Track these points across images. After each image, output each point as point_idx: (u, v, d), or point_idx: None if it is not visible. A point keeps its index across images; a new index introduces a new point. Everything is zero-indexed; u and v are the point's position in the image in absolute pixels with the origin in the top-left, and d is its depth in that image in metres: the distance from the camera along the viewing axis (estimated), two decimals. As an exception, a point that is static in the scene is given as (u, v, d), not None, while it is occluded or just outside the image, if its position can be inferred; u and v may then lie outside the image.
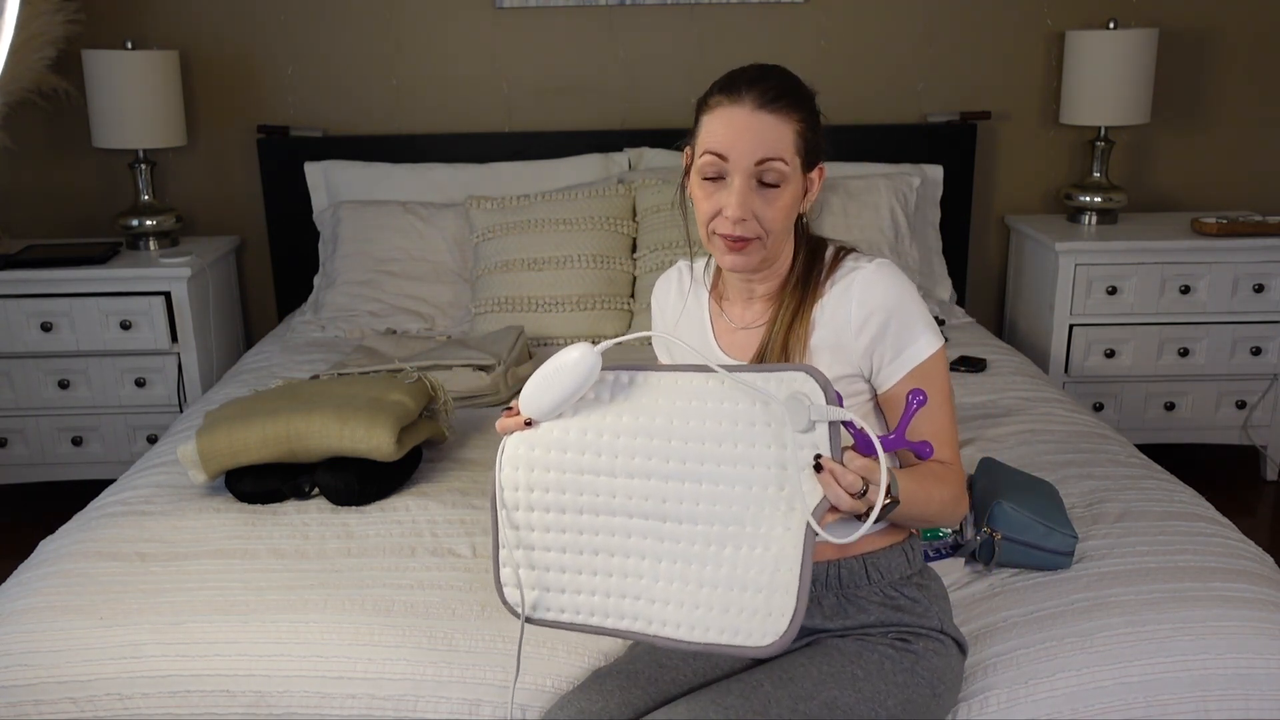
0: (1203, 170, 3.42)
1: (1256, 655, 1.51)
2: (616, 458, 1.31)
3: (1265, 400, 3.15)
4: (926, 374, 1.38)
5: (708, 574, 1.26)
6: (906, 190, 3.12)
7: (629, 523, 1.30)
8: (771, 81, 1.36)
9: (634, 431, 1.31)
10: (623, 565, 1.31)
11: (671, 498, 1.28)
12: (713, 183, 1.37)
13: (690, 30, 3.27)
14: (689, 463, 1.27)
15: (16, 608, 1.66)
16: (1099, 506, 1.88)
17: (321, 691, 1.54)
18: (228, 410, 2.06)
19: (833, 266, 1.42)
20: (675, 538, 1.28)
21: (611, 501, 1.31)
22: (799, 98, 1.37)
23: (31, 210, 3.34)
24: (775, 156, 1.34)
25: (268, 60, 3.29)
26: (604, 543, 1.32)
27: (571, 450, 1.33)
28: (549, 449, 1.34)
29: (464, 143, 3.28)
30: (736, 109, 1.35)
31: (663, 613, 1.29)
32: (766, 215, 1.35)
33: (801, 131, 1.36)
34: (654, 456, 1.29)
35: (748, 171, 1.34)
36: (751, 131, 1.33)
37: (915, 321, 1.38)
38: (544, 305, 2.87)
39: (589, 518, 1.33)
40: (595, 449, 1.32)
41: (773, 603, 1.21)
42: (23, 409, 3.04)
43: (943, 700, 1.39)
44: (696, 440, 1.27)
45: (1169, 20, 3.27)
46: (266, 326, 3.41)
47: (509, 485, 1.36)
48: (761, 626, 1.22)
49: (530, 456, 1.35)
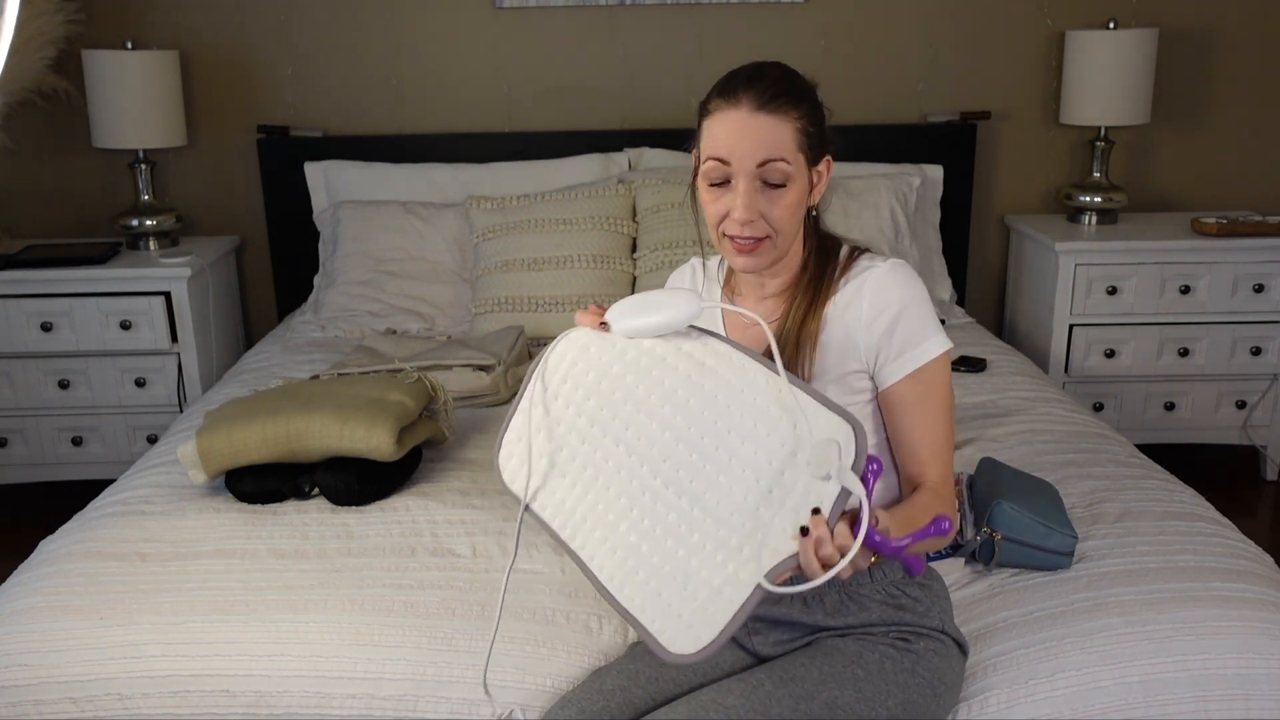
0: (1203, 170, 3.42)
1: (1256, 655, 1.51)
2: (652, 397, 1.30)
3: (1265, 400, 3.15)
4: (928, 377, 1.38)
5: (668, 548, 1.24)
6: (906, 190, 3.12)
7: (629, 461, 1.30)
8: (768, 81, 1.36)
9: (681, 384, 1.30)
10: (606, 497, 1.31)
11: (676, 462, 1.27)
12: (719, 187, 1.37)
13: (690, 30, 3.27)
14: (708, 440, 1.26)
15: (16, 608, 1.66)
16: (1099, 506, 1.88)
17: (321, 691, 1.54)
18: (228, 410, 2.06)
19: (847, 265, 1.43)
20: (660, 499, 1.27)
21: (625, 433, 1.31)
22: (797, 94, 1.37)
23: (31, 210, 3.34)
24: (776, 157, 1.34)
25: (268, 60, 3.29)
26: (601, 466, 1.32)
27: (620, 366, 1.33)
28: (603, 353, 1.35)
29: (464, 143, 3.28)
30: (735, 112, 1.35)
31: (612, 561, 1.28)
32: (773, 215, 1.36)
33: (802, 128, 1.36)
34: (685, 417, 1.28)
35: (751, 174, 1.34)
36: (751, 134, 1.34)
37: (924, 323, 1.38)
38: (544, 305, 2.87)
39: (599, 435, 1.32)
40: (642, 378, 1.31)
41: (697, 622, 1.19)
42: (23, 409, 3.04)
43: (943, 701, 1.39)
44: (726, 427, 1.26)
45: (1169, 20, 3.27)
46: (266, 326, 3.41)
47: (552, 369, 1.37)
48: (678, 634, 1.20)
49: (585, 353, 1.35)
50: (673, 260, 2.86)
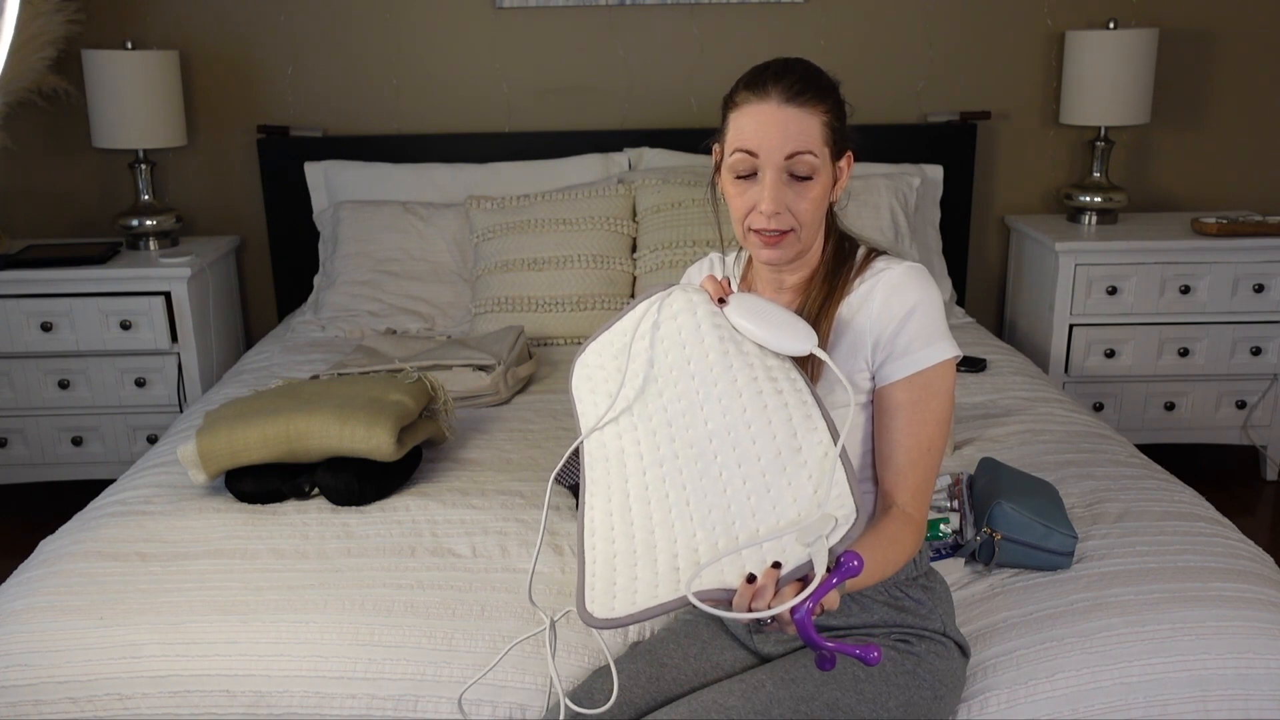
0: (1203, 170, 3.42)
1: (1256, 655, 1.51)
2: (717, 390, 1.30)
3: (1265, 400, 3.15)
4: (927, 384, 1.37)
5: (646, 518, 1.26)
6: (906, 190, 3.12)
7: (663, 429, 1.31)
8: (796, 75, 1.36)
9: (750, 396, 1.30)
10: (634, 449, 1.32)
11: (699, 458, 1.27)
12: (745, 180, 1.37)
13: (690, 30, 3.27)
14: (736, 458, 1.26)
15: (16, 608, 1.66)
16: (1099, 506, 1.88)
17: (321, 691, 1.54)
18: (228, 410, 2.06)
19: (863, 266, 1.43)
20: (669, 478, 1.28)
21: (676, 404, 1.32)
22: (824, 89, 1.37)
23: (31, 210, 3.34)
24: (805, 149, 1.34)
25: (268, 60, 3.29)
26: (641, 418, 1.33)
27: (715, 350, 1.33)
28: (704, 325, 1.34)
29: (464, 143, 3.28)
30: (764, 105, 1.35)
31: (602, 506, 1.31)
32: (799, 207, 1.36)
33: (828, 122, 1.36)
34: (732, 430, 1.28)
35: (779, 166, 1.34)
36: (779, 126, 1.34)
37: (931, 327, 1.37)
38: (544, 305, 2.87)
39: (655, 391, 1.33)
40: (722, 370, 1.31)
41: (621, 594, 1.21)
42: (23, 409, 3.04)
43: (944, 702, 1.39)
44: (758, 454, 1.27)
45: (1169, 20, 3.27)
46: (266, 326, 3.41)
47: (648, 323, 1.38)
48: (600, 595, 1.22)
49: (692, 315, 1.35)
50: (673, 260, 2.86)
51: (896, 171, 3.17)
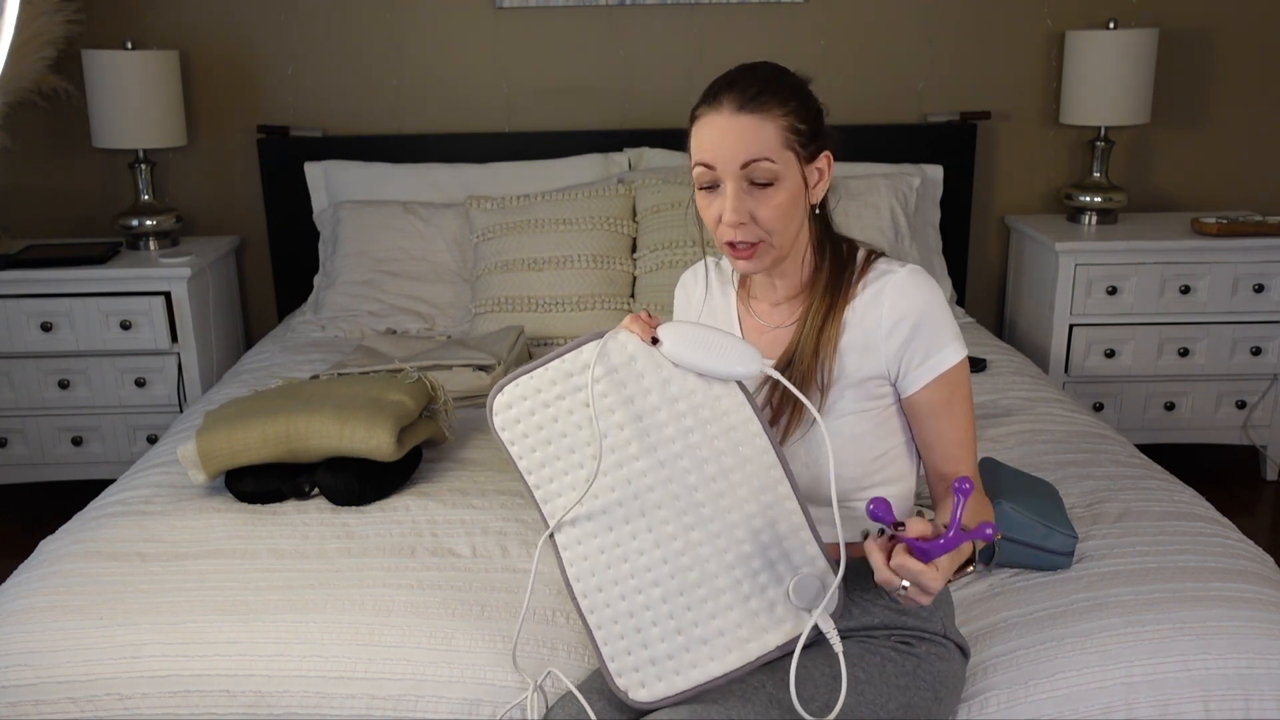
0: (1203, 170, 3.42)
1: (1256, 655, 1.51)
2: (675, 440, 1.31)
3: (1265, 400, 3.15)
4: (951, 381, 1.39)
5: (629, 588, 1.32)
6: (906, 190, 3.12)
7: (620, 485, 1.32)
8: (750, 81, 1.35)
9: (704, 439, 1.31)
10: (595, 513, 1.33)
11: (669, 510, 1.31)
12: (709, 192, 1.37)
13: (690, 30, 3.27)
14: (706, 507, 1.30)
15: (16, 608, 1.66)
16: (1099, 506, 1.88)
17: (321, 691, 1.54)
18: (228, 410, 2.06)
19: (864, 269, 1.43)
20: (636, 536, 1.32)
21: (635, 463, 1.32)
22: (782, 91, 1.35)
23: (31, 210, 3.34)
24: (760, 156, 1.33)
25: (268, 60, 3.29)
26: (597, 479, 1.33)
27: (656, 395, 1.32)
28: (646, 371, 1.33)
29: (464, 143, 3.28)
30: (717, 115, 1.35)
31: (590, 583, 1.35)
32: (763, 215, 1.35)
33: (789, 125, 1.35)
34: (696, 474, 1.31)
35: (736, 175, 1.34)
36: (732, 135, 1.33)
37: (943, 329, 1.38)
38: (544, 305, 2.87)
39: (605, 449, 1.32)
40: (672, 416, 1.32)
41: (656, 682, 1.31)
42: (23, 409, 3.04)
43: (944, 704, 1.39)
44: (727, 504, 1.30)
45: (1169, 20, 3.27)
46: (266, 326, 3.41)
47: (581, 365, 1.35)
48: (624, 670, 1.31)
49: (630, 364, 1.34)
50: (673, 260, 2.86)
51: (896, 171, 3.17)
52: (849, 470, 1.40)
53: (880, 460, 1.43)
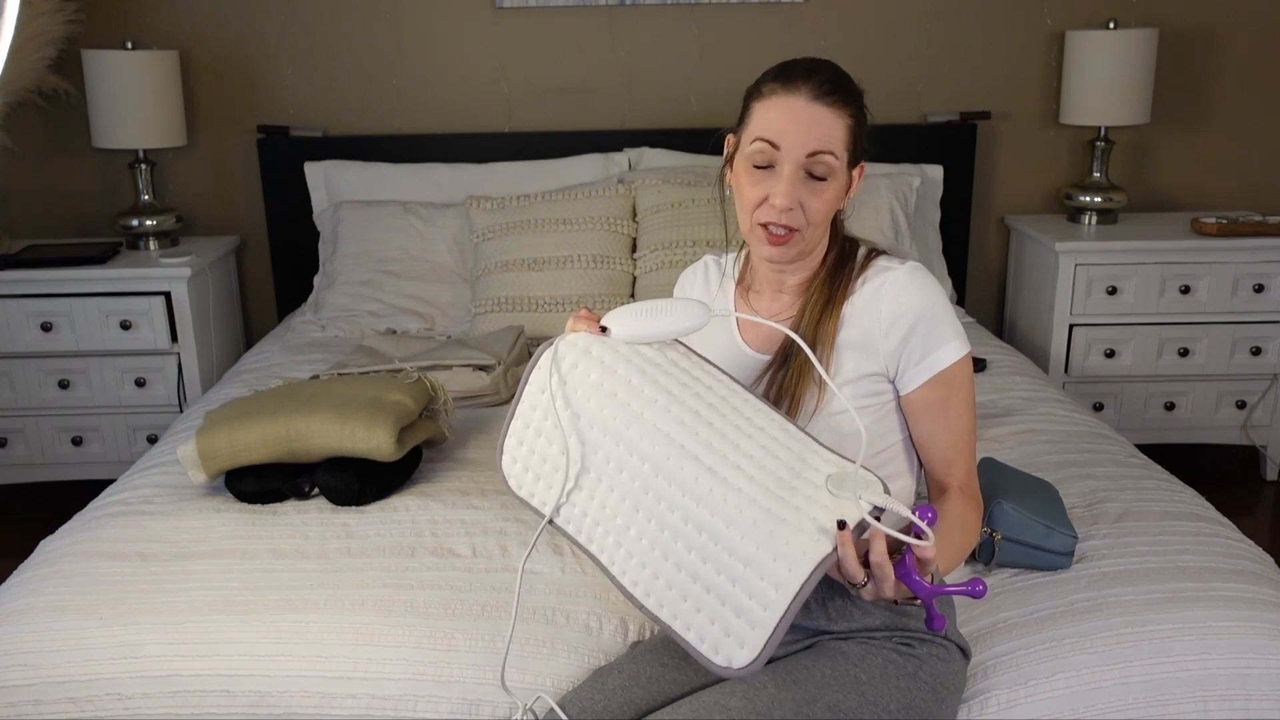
0: (1203, 170, 3.42)
1: (1256, 655, 1.51)
2: (658, 397, 1.28)
3: (1265, 400, 3.15)
4: (950, 380, 1.39)
5: (678, 552, 1.23)
6: (906, 190, 3.12)
7: (630, 461, 1.27)
8: (826, 74, 1.36)
9: (684, 386, 1.29)
10: (611, 501, 1.29)
11: (681, 459, 1.25)
12: (761, 170, 1.37)
13: (690, 30, 3.27)
14: (714, 439, 1.25)
15: (16, 608, 1.66)
16: (1099, 506, 1.88)
17: (321, 691, 1.54)
18: (228, 410, 2.06)
19: (864, 265, 1.43)
20: (664, 499, 1.25)
21: (626, 432, 1.28)
22: (851, 93, 1.38)
23: (31, 210, 3.34)
24: (827, 149, 1.34)
25: (268, 60, 3.29)
26: (603, 469, 1.29)
27: (623, 367, 1.31)
28: (605, 355, 1.32)
29: (464, 143, 3.28)
30: (792, 98, 1.35)
31: (633, 566, 1.27)
32: (812, 206, 1.36)
33: (851, 127, 1.37)
34: (691, 416, 1.27)
35: (798, 162, 1.35)
36: (806, 122, 1.34)
37: (943, 327, 1.38)
38: (544, 305, 2.87)
39: (599, 436, 1.30)
40: (645, 379, 1.30)
41: (735, 630, 1.19)
42: (23, 409, 3.04)
43: (945, 704, 1.39)
44: (726, 428, 1.26)
45: (1169, 20, 3.27)
46: (266, 326, 3.41)
47: (542, 379, 1.35)
48: (719, 643, 1.20)
49: (586, 356, 1.33)
50: (673, 260, 2.86)
51: (896, 171, 3.17)
52: None
53: (879, 458, 1.43)
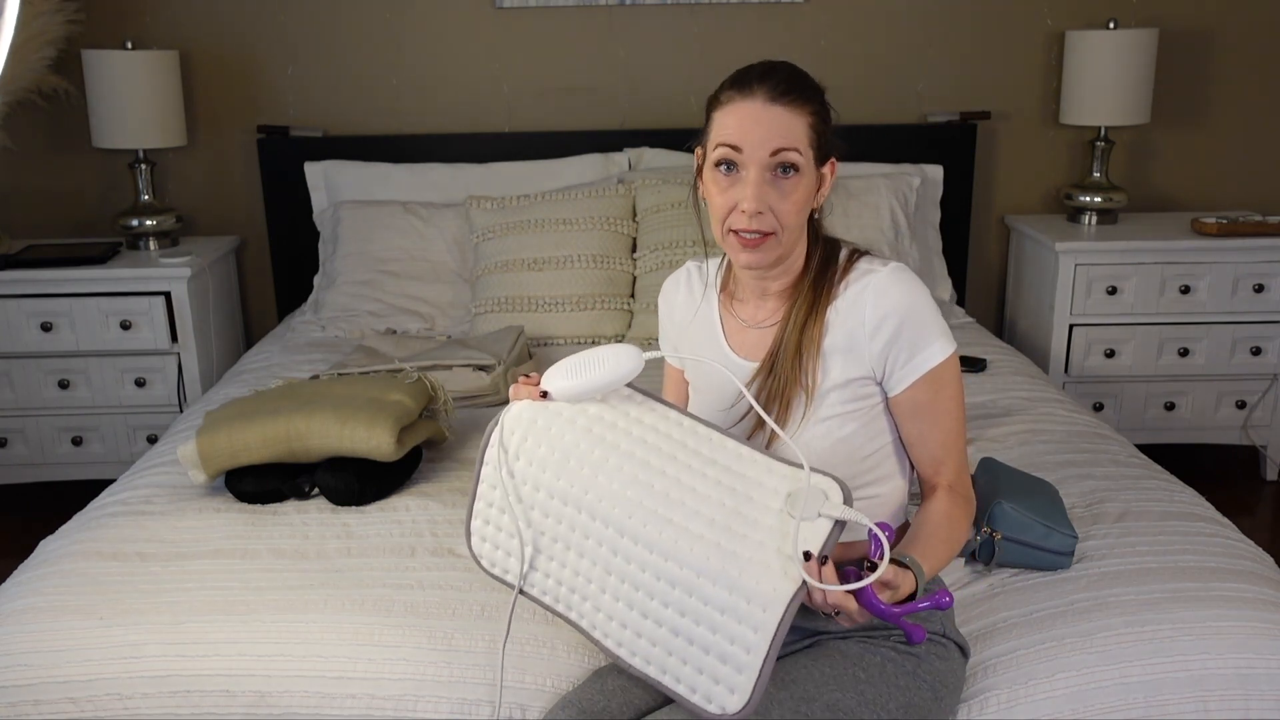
0: (1203, 170, 3.42)
1: (1256, 655, 1.51)
2: (608, 458, 1.31)
3: (1265, 400, 3.15)
4: (938, 379, 1.39)
5: (653, 608, 1.26)
6: (906, 190, 3.12)
7: (594, 526, 1.31)
8: (781, 75, 1.37)
9: (633, 442, 1.31)
10: (582, 566, 1.32)
11: (642, 517, 1.28)
12: (727, 177, 1.37)
13: (690, 30, 3.27)
14: (671, 491, 1.27)
15: (16, 608, 1.66)
16: (1099, 506, 1.88)
17: (321, 691, 1.54)
18: (228, 410, 2.06)
19: (846, 268, 1.42)
20: (632, 559, 1.28)
21: (585, 497, 1.31)
22: (809, 91, 1.38)
23: (31, 210, 3.34)
24: (789, 146, 1.35)
25: (268, 60, 3.29)
26: (568, 538, 1.33)
27: (570, 434, 1.33)
28: (551, 424, 1.35)
29: (464, 143, 3.28)
30: (749, 103, 1.35)
31: (612, 627, 1.30)
32: (782, 209, 1.36)
33: (813, 124, 1.37)
34: (645, 472, 1.29)
35: (762, 163, 1.35)
36: (765, 123, 1.34)
37: (929, 327, 1.38)
38: (544, 305, 2.87)
39: (560, 505, 1.34)
40: (594, 442, 1.32)
41: (723, 676, 1.21)
42: (23, 409, 3.04)
43: (944, 703, 1.39)
44: (678, 475, 1.28)
45: (1169, 20, 3.27)
46: (266, 326, 3.41)
47: (498, 445, 1.39)
48: (710, 691, 1.22)
49: (532, 427, 1.36)
50: (673, 260, 2.86)
51: (896, 171, 3.17)
52: (836, 472, 1.40)
53: (869, 461, 1.43)
